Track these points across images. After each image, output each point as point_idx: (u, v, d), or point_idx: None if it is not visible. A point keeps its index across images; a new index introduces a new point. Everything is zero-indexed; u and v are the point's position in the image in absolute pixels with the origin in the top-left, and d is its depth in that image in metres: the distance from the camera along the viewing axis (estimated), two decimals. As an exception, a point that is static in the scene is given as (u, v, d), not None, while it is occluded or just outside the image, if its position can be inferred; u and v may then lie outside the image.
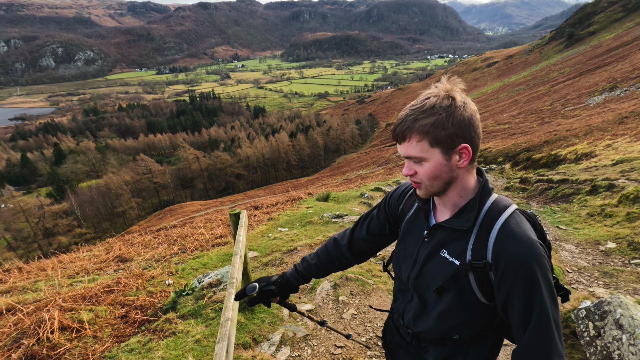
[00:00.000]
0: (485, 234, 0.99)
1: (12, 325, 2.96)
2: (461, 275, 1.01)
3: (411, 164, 1.04)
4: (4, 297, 4.03)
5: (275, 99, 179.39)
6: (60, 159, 68.49)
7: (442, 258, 1.07)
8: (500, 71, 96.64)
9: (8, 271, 5.71)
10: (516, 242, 0.94)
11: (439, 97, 0.97)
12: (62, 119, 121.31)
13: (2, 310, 3.39)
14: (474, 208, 1.02)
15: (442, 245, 1.08)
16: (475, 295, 1.02)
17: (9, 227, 43.35)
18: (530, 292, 0.92)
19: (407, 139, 1.00)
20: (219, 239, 6.22)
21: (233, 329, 1.25)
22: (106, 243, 8.39)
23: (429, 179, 1.02)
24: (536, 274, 0.91)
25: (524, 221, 1.00)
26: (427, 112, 0.96)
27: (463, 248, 1.02)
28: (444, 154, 0.98)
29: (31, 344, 2.54)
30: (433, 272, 1.09)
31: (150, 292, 3.58)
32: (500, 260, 0.95)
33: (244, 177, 64.18)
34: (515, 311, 0.95)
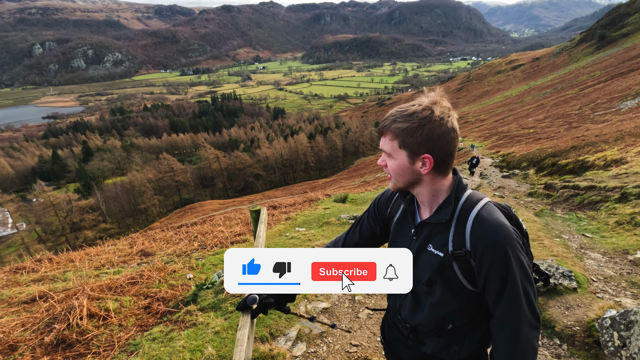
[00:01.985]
0: (462, 224, 1.10)
1: (44, 311, 3.13)
2: (446, 265, 1.11)
3: (385, 156, 1.18)
4: (37, 285, 4.26)
5: (295, 100, 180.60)
6: (88, 156, 71.26)
7: (429, 252, 1.17)
8: (525, 74, 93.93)
9: (40, 261, 6.00)
10: (489, 227, 1.05)
11: (421, 108, 1.07)
12: (90, 118, 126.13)
13: (35, 296, 3.58)
14: (450, 203, 1.13)
15: (428, 240, 1.18)
16: (461, 283, 1.12)
17: (39, 221, 45.41)
18: (504, 270, 1.03)
19: (384, 134, 1.13)
20: (237, 236, 6.34)
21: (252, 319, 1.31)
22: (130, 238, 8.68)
23: (394, 174, 1.15)
24: (507, 254, 1.02)
25: (495, 210, 1.11)
26: (405, 117, 1.08)
27: (445, 241, 1.13)
28: (409, 157, 1.10)
29: (62, 328, 2.68)
30: (422, 266, 1.18)
31: (171, 285, 3.71)
32: (478, 246, 1.05)
33: (262, 177, 64.90)
34: (492, 289, 1.06)
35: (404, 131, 1.07)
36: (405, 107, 1.10)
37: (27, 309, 3.39)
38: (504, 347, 1.06)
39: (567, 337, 2.70)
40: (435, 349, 1.24)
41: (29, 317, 3.07)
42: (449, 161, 1.12)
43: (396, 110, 1.12)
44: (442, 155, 1.09)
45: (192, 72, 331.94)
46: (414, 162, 1.10)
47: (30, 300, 3.59)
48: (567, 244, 4.92)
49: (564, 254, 4.31)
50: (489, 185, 12.06)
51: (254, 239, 2.79)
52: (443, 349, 1.23)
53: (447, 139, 1.07)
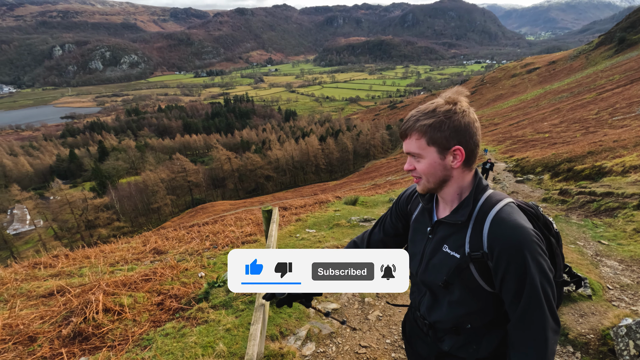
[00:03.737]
0: (480, 226, 1.08)
1: (61, 305, 3.22)
2: (463, 267, 1.10)
3: (411, 159, 1.16)
4: (54, 279, 4.38)
5: (307, 102, 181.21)
6: (104, 155, 72.78)
7: (444, 253, 1.16)
8: (541, 77, 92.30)
9: (56, 257, 6.16)
10: (506, 228, 1.03)
11: (442, 103, 1.09)
12: (106, 118, 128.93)
13: (53, 291, 3.69)
14: (469, 204, 1.12)
15: (444, 240, 1.18)
16: (479, 284, 1.10)
17: (56, 218, 46.55)
18: (521, 273, 1.01)
19: (409, 136, 1.13)
20: (248, 236, 6.40)
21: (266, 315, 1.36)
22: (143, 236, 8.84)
23: (426, 174, 1.14)
24: (525, 256, 1.00)
25: (515, 211, 1.08)
26: (428, 114, 1.09)
27: (461, 242, 1.12)
28: (439, 153, 1.10)
29: (79, 322, 2.76)
30: (438, 266, 1.18)
31: (184, 282, 3.77)
32: (494, 248, 1.04)
33: (273, 179, 65.21)
34: (509, 291, 1.04)
35: (430, 127, 1.07)
36: (424, 107, 1.11)
37: (45, 302, 3.49)
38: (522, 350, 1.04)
39: (581, 345, 2.65)
40: (453, 347, 1.24)
41: (47, 310, 3.17)
42: (476, 152, 1.12)
43: (416, 111, 1.13)
44: (470, 146, 1.10)
45: (205, 74, 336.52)
46: (444, 157, 1.10)
47: (48, 294, 3.71)
48: (582, 250, 4.82)
49: (578, 261, 4.23)
50: (502, 189, 11.87)
51: (265, 239, 2.83)
52: (461, 347, 1.22)
53: (473, 130, 1.09)
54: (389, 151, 78.08)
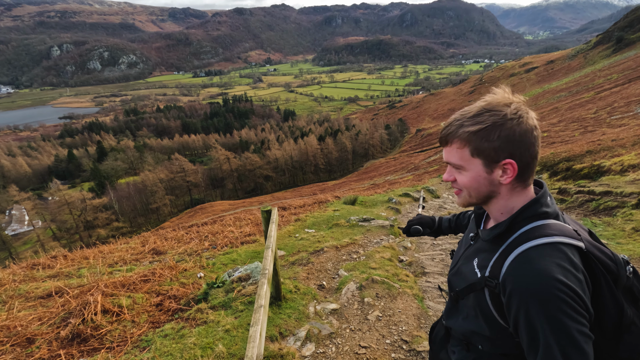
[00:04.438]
0: (505, 255, 0.94)
1: (60, 306, 3.21)
2: (477, 287, 1.00)
3: (452, 170, 1.02)
4: (52, 280, 4.36)
5: (306, 102, 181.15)
6: (102, 156, 72.63)
7: (472, 266, 1.06)
8: (539, 77, 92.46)
9: (55, 258, 6.15)
10: (528, 271, 0.86)
11: (493, 105, 0.91)
12: (105, 119, 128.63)
13: (51, 292, 3.68)
14: (501, 226, 0.98)
15: (477, 253, 1.08)
16: (492, 313, 0.97)
17: (54, 218, 46.43)
18: (533, 327, 0.84)
19: (449, 143, 0.97)
20: (247, 237, 6.39)
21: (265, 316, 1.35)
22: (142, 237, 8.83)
23: (467, 188, 0.99)
24: (538, 312, 0.82)
25: (558, 257, 0.87)
26: (474, 119, 0.91)
27: (487, 262, 1.00)
28: (485, 166, 0.93)
29: (77, 323, 2.75)
30: (463, 276, 1.10)
31: (183, 283, 3.76)
32: (507, 285, 0.89)
33: (272, 178, 65.17)
34: (522, 339, 0.89)
35: (476, 135, 0.90)
36: (470, 108, 0.95)
37: (44, 303, 3.48)
38: None
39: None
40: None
41: (45, 311, 3.16)
42: (533, 166, 0.93)
43: (460, 114, 0.96)
44: (526, 159, 0.92)
45: (204, 74, 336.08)
46: (492, 171, 0.93)
47: (46, 296, 3.69)
48: (581, 249, 4.81)
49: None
50: (501, 189, 11.90)
51: (264, 239, 2.82)
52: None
53: (530, 139, 0.90)
54: (387, 151, 78.09)
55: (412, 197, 10.48)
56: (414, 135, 79.10)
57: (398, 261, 4.83)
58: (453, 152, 0.97)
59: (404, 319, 3.09)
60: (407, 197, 10.54)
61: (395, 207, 8.96)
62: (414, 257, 5.08)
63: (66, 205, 45.97)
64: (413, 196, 10.57)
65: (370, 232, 6.13)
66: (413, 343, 2.75)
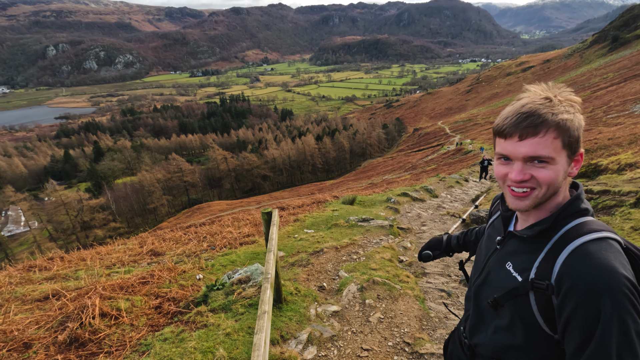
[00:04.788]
0: (556, 252, 0.88)
1: (57, 309, 3.16)
2: (520, 292, 0.90)
3: (528, 166, 0.89)
4: (49, 283, 4.32)
5: (303, 102, 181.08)
6: (99, 156, 72.30)
7: (507, 271, 0.97)
8: (536, 76, 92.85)
9: (52, 260, 6.09)
10: (588, 265, 0.80)
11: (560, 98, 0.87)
12: (101, 119, 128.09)
13: (48, 295, 3.63)
14: (546, 222, 0.92)
15: (510, 256, 0.99)
16: (535, 320, 0.89)
17: (51, 219, 46.16)
18: (591, 324, 0.77)
19: (542, 133, 0.85)
20: (246, 237, 6.35)
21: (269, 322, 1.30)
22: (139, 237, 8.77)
23: (547, 184, 0.89)
24: (604, 305, 0.75)
25: (614, 251, 0.82)
26: (560, 108, 0.85)
27: (529, 264, 0.92)
28: (568, 158, 0.88)
29: (75, 327, 2.71)
30: (495, 283, 1.01)
31: (182, 285, 3.72)
32: (563, 282, 0.82)
33: (269, 178, 65.10)
34: (571, 342, 0.80)
35: (572, 124, 0.84)
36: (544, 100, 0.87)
37: (41, 306, 3.43)
38: None
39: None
40: None
41: (43, 315, 3.11)
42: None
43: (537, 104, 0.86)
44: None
45: (201, 73, 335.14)
46: (570, 163, 0.89)
47: (43, 298, 3.64)
48: (581, 249, 4.82)
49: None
50: (499, 188, 11.91)
51: (265, 242, 2.79)
52: None
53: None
54: (385, 150, 78.18)
55: (411, 197, 10.47)
56: (411, 134, 79.21)
57: (398, 262, 4.81)
58: (546, 142, 0.85)
59: (406, 320, 3.07)
60: (406, 196, 10.53)
61: (394, 207, 8.94)
62: (413, 258, 5.07)
63: (63, 205, 45.71)
64: (412, 195, 10.56)
65: (370, 232, 6.11)
66: (415, 345, 2.73)
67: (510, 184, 0.92)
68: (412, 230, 6.92)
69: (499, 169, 0.96)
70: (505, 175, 0.93)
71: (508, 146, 0.90)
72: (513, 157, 0.90)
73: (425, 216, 8.39)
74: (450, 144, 40.85)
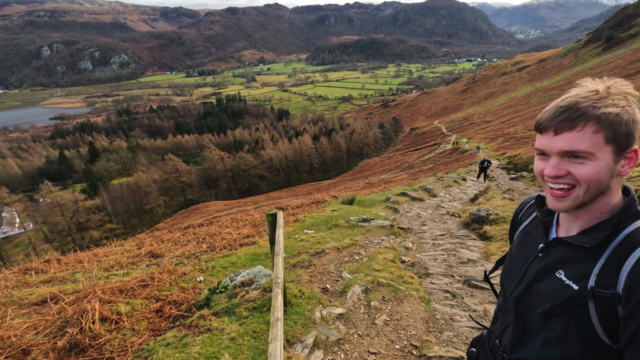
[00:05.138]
0: (619, 259, 0.82)
1: (55, 314, 3.09)
2: (578, 302, 0.84)
3: (565, 162, 0.86)
4: (47, 286, 4.23)
5: (299, 102, 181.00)
6: (95, 157, 71.81)
7: (557, 279, 0.91)
8: (531, 75, 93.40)
9: (48, 262, 5.99)
10: None
11: (611, 90, 0.83)
12: (97, 119, 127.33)
13: (46, 298, 3.55)
14: (607, 227, 0.86)
15: (559, 264, 0.93)
16: (594, 330, 0.83)
17: (46, 220, 45.76)
18: None
19: (579, 127, 0.82)
20: (246, 238, 6.29)
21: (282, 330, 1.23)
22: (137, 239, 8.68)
23: (588, 183, 0.84)
24: None
25: None
26: (607, 101, 0.81)
27: (585, 272, 0.86)
28: (615, 154, 0.82)
29: (75, 332, 2.64)
30: (543, 293, 0.93)
31: (182, 288, 3.66)
32: (634, 292, 0.76)
33: (266, 178, 64.95)
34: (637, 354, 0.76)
35: (617, 116, 0.79)
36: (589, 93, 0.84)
37: (38, 310, 3.36)
38: None
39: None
40: None
41: (41, 319, 3.04)
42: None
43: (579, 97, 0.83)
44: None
45: (197, 73, 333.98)
46: (617, 161, 0.83)
47: (40, 302, 3.57)
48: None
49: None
50: (497, 187, 11.91)
51: (270, 243, 2.74)
52: None
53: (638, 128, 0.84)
54: (382, 150, 78.30)
55: (410, 197, 10.46)
56: (407, 134, 79.41)
57: (400, 262, 4.77)
58: (585, 137, 0.81)
59: (412, 322, 3.02)
60: (405, 196, 10.51)
61: (394, 207, 8.91)
62: (415, 258, 5.03)
63: (58, 207, 45.33)
64: (410, 195, 10.54)
65: (371, 232, 6.07)
66: (423, 348, 2.69)
67: (547, 180, 0.89)
68: (412, 230, 6.89)
69: (537, 164, 0.93)
70: (542, 171, 0.91)
71: (544, 140, 0.88)
72: (549, 151, 0.87)
73: (425, 216, 8.36)
74: (447, 143, 40.96)
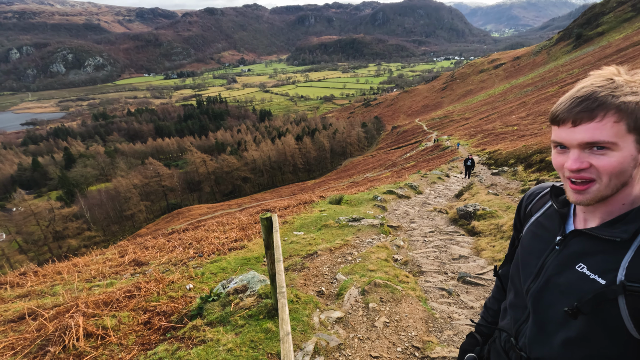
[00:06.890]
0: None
1: (34, 331, 2.89)
2: (607, 297, 0.80)
3: (585, 154, 0.82)
4: (24, 301, 3.98)
5: (281, 102, 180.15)
6: (70, 163, 69.41)
7: (579, 273, 0.87)
8: (507, 72, 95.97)
9: (24, 274, 5.67)
10: None
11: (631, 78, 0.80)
12: (72, 124, 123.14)
13: (23, 314, 3.33)
14: (636, 219, 0.82)
15: (580, 257, 0.89)
16: (622, 326, 0.79)
17: (20, 230, 43.89)
18: None
19: (599, 117, 0.78)
20: (234, 242, 6.13)
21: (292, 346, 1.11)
22: (119, 246, 8.35)
23: (610, 174, 0.80)
24: None
25: None
26: (625, 89, 0.77)
27: (612, 265, 0.81)
28: (637, 143, 0.79)
29: (57, 351, 2.46)
30: (564, 288, 0.89)
31: (171, 297, 3.50)
32: None
33: (250, 180, 64.35)
34: None
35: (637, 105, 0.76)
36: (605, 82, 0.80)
37: (15, 328, 3.13)
38: None
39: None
40: None
41: (19, 338, 2.83)
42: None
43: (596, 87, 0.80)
44: None
45: (176, 75, 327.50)
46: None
47: (17, 319, 3.34)
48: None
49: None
50: (480, 183, 12.12)
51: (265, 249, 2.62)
52: None
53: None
54: (365, 148, 78.83)
55: (397, 194, 10.51)
56: (390, 132, 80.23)
57: (393, 261, 4.74)
58: (605, 127, 0.78)
59: (412, 323, 2.97)
60: (392, 194, 10.55)
61: (382, 205, 8.92)
62: (408, 256, 5.01)
63: (32, 215, 43.58)
64: (397, 193, 10.59)
65: (361, 231, 6.02)
66: (425, 349, 2.64)
67: (569, 174, 0.85)
68: (402, 227, 6.89)
69: (556, 158, 0.89)
70: (562, 164, 0.86)
71: (562, 133, 0.84)
72: (568, 144, 0.84)
73: (412, 213, 8.40)
74: (428, 140, 41.58)
